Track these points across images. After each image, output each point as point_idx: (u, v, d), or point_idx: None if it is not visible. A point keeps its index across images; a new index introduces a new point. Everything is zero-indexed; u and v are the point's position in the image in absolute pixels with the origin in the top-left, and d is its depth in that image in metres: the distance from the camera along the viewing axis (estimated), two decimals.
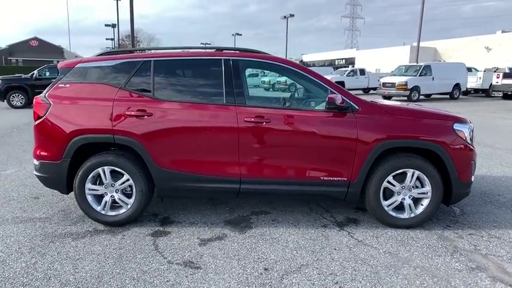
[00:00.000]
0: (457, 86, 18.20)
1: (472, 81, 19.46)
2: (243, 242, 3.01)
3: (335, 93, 3.09)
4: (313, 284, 2.42)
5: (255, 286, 2.39)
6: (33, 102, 3.31)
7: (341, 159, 3.15)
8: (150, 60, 3.26)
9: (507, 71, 19.35)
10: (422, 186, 3.22)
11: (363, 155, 3.11)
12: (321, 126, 3.13)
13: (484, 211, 3.71)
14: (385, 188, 3.22)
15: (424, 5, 20.01)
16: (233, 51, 3.37)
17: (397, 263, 2.69)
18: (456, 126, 3.19)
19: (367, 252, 2.85)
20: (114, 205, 3.30)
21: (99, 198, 3.30)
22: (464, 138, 3.19)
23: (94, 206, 3.26)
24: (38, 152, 3.29)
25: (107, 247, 2.91)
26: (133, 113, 3.12)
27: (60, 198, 4.02)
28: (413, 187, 3.22)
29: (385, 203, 3.24)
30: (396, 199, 3.24)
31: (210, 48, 3.44)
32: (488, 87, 19.16)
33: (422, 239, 3.07)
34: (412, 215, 3.25)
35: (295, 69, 3.28)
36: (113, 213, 3.28)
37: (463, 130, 3.20)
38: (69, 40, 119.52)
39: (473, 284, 2.42)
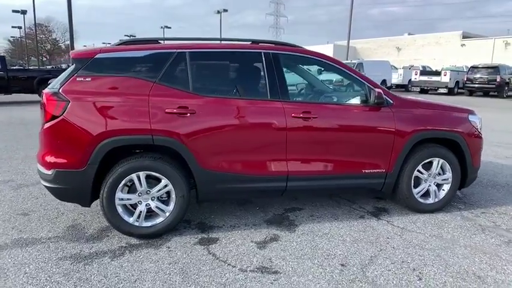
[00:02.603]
0: (384, 82, 20.22)
1: (395, 78, 21.85)
2: (300, 240, 2.94)
3: (376, 88, 3.19)
4: (394, 273, 2.49)
5: (345, 283, 2.37)
6: (43, 99, 2.74)
7: (381, 151, 3.27)
8: (185, 52, 2.95)
9: (421, 68, 22.17)
10: (444, 173, 3.53)
11: (399, 146, 3.28)
12: (364, 120, 3.21)
13: (479, 192, 4.22)
14: (415, 177, 3.45)
15: (352, 6, 21.71)
16: (269, 44, 3.23)
17: (447, 244, 2.92)
18: (471, 117, 3.57)
19: (416, 237, 3.03)
20: (147, 215, 2.93)
21: (129, 208, 2.90)
22: (477, 128, 3.58)
23: (126, 217, 2.86)
24: (50, 159, 2.74)
25: (159, 263, 2.58)
26: (174, 110, 2.79)
27: (56, 213, 3.42)
28: (437, 174, 3.51)
29: (415, 191, 3.47)
30: (424, 186, 3.50)
31: (245, 40, 3.24)
32: (407, 83, 21.73)
33: (451, 221, 3.38)
34: (436, 199, 3.54)
35: (335, 65, 3.29)
36: (149, 223, 2.91)
37: (476, 121, 3.59)
38: None
39: None
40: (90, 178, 2.74)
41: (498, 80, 18.60)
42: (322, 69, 4.06)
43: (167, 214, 2.92)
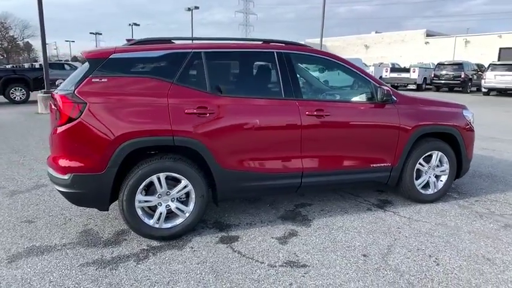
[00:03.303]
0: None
1: None
2: (318, 234, 3.04)
3: (384, 86, 3.35)
4: (413, 260, 2.65)
5: (371, 272, 2.49)
6: (58, 102, 2.64)
7: (387, 146, 3.43)
8: (200, 52, 2.95)
9: (390, 66, 23.05)
10: (442, 165, 3.76)
11: (403, 141, 3.46)
12: (372, 116, 3.35)
13: (467, 182, 4.51)
14: (417, 169, 3.65)
15: (325, 3, 22.15)
16: (280, 44, 3.29)
17: (453, 231, 3.13)
18: (464, 112, 3.82)
19: (423, 226, 3.22)
20: (166, 216, 2.91)
21: (148, 210, 2.87)
22: (470, 122, 3.84)
23: (146, 220, 2.82)
24: (66, 163, 2.66)
25: (187, 263, 2.58)
26: (194, 110, 2.79)
27: (63, 219, 3.31)
28: (436, 166, 3.74)
29: (416, 183, 3.67)
30: (424, 178, 3.71)
31: (257, 40, 3.28)
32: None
33: (451, 210, 3.61)
34: (435, 190, 3.77)
35: (344, 64, 3.41)
36: (169, 225, 2.89)
37: (469, 115, 3.85)
38: None
39: None
40: (109, 181, 2.68)
41: (462, 76, 19.73)
42: (323, 67, 4.17)
43: (187, 215, 2.92)
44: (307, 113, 3.10)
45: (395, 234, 3.05)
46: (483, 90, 18.59)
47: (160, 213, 2.84)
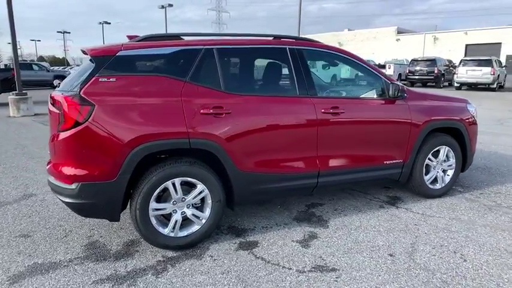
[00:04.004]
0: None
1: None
2: (339, 235, 2.96)
3: (396, 82, 3.31)
4: (440, 257, 2.62)
5: (403, 272, 2.43)
6: (62, 104, 2.39)
7: (399, 142, 3.40)
8: (212, 49, 2.78)
9: None
10: (448, 160, 3.79)
11: (415, 136, 3.44)
12: (385, 113, 3.31)
13: (467, 175, 4.59)
14: (426, 165, 3.65)
15: (301, 1, 22.25)
16: (291, 40, 3.17)
17: (469, 225, 3.14)
18: (468, 107, 3.87)
19: (439, 222, 3.21)
20: (181, 223, 2.73)
21: (161, 218, 2.68)
22: (474, 116, 3.89)
23: (160, 229, 2.63)
24: (72, 172, 2.42)
25: (211, 274, 2.42)
26: (210, 111, 2.62)
27: (62, 231, 3.05)
28: (443, 161, 3.76)
29: (426, 178, 3.67)
30: (433, 173, 3.72)
31: (267, 36, 3.13)
32: None
33: (460, 203, 3.64)
34: (443, 184, 3.79)
35: (356, 61, 3.34)
36: (184, 233, 2.71)
37: (472, 110, 3.90)
38: None
39: None
40: (121, 189, 2.47)
41: (435, 71, 20.45)
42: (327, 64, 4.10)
43: (203, 221, 2.75)
44: (322, 110, 3.01)
45: (414, 232, 3.02)
46: (455, 84, 19.34)
47: (176, 221, 2.66)
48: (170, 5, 33.03)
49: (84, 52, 2.84)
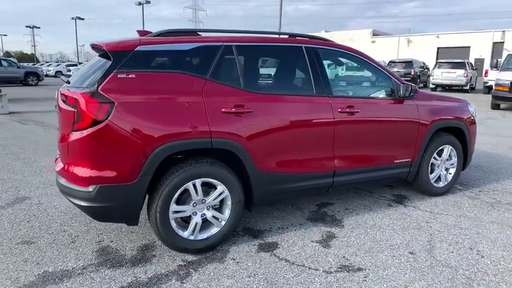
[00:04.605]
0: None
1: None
2: (356, 235, 2.96)
3: (406, 83, 3.35)
4: (458, 254, 2.67)
5: (427, 269, 2.46)
6: (78, 101, 2.23)
7: (408, 141, 3.46)
8: (231, 45, 2.70)
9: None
10: (451, 158, 3.89)
11: (422, 135, 3.51)
12: (396, 112, 3.35)
13: (463, 173, 4.72)
14: (431, 164, 3.73)
15: (282, 2, 22.37)
16: (305, 38, 3.13)
17: (477, 222, 3.23)
18: (469, 107, 3.99)
19: (448, 219, 3.28)
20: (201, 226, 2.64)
21: (180, 221, 2.58)
22: (474, 116, 4.02)
23: (180, 232, 2.53)
24: (89, 173, 2.27)
25: (238, 277, 2.35)
26: (232, 109, 2.54)
27: (68, 236, 2.87)
28: (446, 160, 3.86)
29: (431, 176, 3.76)
30: (437, 172, 3.81)
31: (283, 34, 3.09)
32: None
33: (463, 201, 3.74)
34: (446, 183, 3.89)
35: (369, 62, 3.36)
36: (204, 235, 2.62)
37: (472, 110, 4.03)
38: None
39: None
40: (142, 192, 2.35)
41: (412, 73, 21.09)
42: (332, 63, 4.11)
43: (222, 223, 2.67)
44: (339, 109, 3.00)
45: (427, 229, 3.07)
46: (431, 86, 20.05)
47: (196, 224, 2.56)
48: (148, 2, 32.25)
49: (94, 47, 2.68)
